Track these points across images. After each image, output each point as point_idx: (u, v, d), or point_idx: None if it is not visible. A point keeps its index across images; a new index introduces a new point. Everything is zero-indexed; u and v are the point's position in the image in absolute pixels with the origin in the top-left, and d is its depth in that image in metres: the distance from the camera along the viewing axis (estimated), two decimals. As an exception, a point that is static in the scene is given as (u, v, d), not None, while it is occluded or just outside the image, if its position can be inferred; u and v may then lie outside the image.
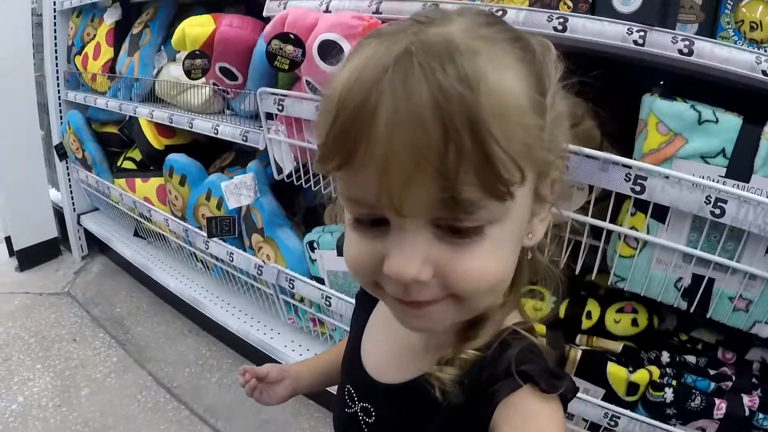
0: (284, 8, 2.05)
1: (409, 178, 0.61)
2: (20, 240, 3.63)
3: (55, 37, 3.43)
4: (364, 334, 1.02)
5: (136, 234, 3.59)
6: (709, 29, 1.52)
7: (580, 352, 1.74)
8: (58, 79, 3.50)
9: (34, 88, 3.52)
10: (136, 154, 3.29)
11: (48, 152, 3.69)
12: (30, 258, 3.69)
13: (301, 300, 2.46)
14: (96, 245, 3.91)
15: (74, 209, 3.76)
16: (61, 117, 3.53)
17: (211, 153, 2.98)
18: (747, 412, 1.60)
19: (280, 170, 2.23)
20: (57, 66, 3.48)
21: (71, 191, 3.71)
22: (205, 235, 2.59)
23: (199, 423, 2.60)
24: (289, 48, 1.84)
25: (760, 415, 1.59)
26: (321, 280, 2.30)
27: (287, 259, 2.40)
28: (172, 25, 2.91)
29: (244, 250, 2.61)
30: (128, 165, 3.31)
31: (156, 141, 2.99)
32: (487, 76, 0.61)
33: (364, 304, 1.06)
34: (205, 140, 2.62)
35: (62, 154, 3.51)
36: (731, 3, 1.44)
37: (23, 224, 3.62)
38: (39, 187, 3.66)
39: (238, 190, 2.36)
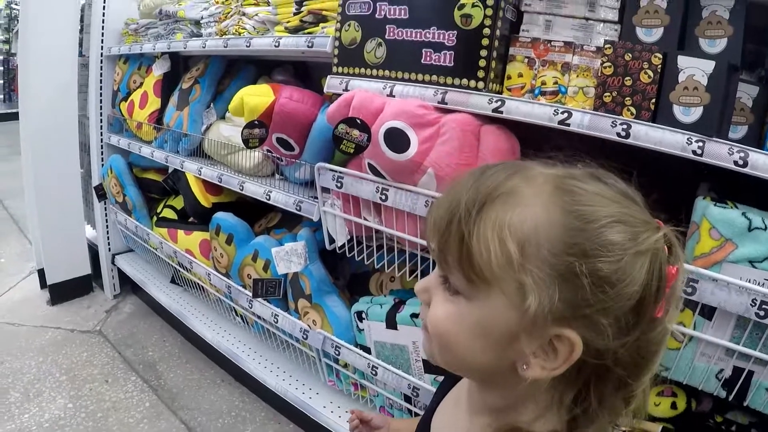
0: (346, 87, 2.09)
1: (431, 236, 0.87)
2: (53, 274, 3.65)
3: (101, 80, 3.49)
4: (440, 404, 1.15)
5: (172, 281, 3.61)
6: (757, 133, 1.60)
7: None
8: (101, 122, 3.55)
9: (76, 127, 3.55)
10: (177, 203, 3.33)
11: (86, 190, 3.72)
12: (62, 293, 3.72)
13: (345, 365, 2.48)
14: (128, 285, 3.93)
15: (109, 249, 3.79)
16: (102, 159, 3.57)
17: (256, 212, 3.02)
18: None
19: (332, 241, 2.26)
20: (101, 108, 3.53)
21: (107, 231, 3.75)
22: (250, 294, 2.62)
23: None
24: (356, 133, 1.88)
25: None
26: (367, 349, 2.33)
27: (334, 326, 2.43)
28: (221, 82, 2.99)
29: (287, 311, 2.64)
30: (168, 213, 3.34)
31: (203, 198, 3.03)
32: (515, 198, 0.81)
33: (449, 382, 1.18)
34: (251, 199, 2.66)
35: (101, 195, 3.55)
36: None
37: (57, 259, 3.64)
38: (75, 224, 3.68)
39: (289, 257, 2.40)
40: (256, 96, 2.32)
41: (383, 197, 1.96)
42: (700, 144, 1.45)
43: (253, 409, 3.01)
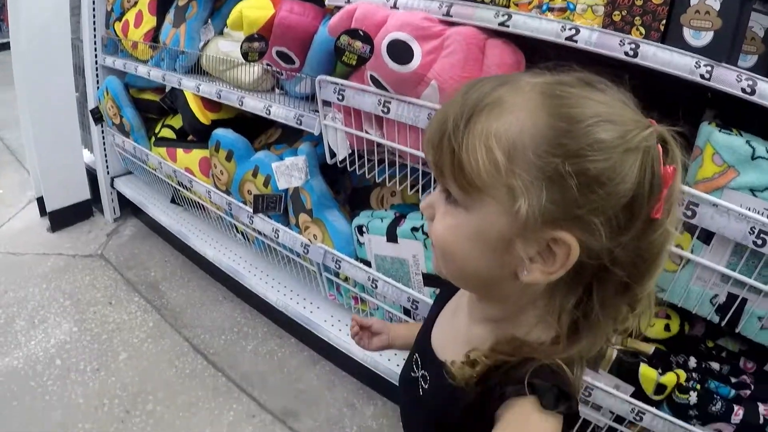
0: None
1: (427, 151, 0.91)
2: (53, 201, 3.66)
3: (94, 1, 3.41)
4: (439, 315, 1.19)
5: (172, 201, 3.61)
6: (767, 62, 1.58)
7: (615, 352, 1.86)
8: (95, 44, 3.49)
9: (70, 50, 3.50)
10: (176, 122, 3.31)
11: (82, 114, 3.69)
12: (62, 219, 3.73)
13: (345, 279, 2.51)
14: (128, 208, 3.94)
15: (108, 172, 3.77)
16: (98, 81, 3.53)
17: (256, 127, 3.01)
18: (762, 420, 1.72)
19: (333, 155, 2.27)
20: (95, 30, 3.46)
21: (105, 154, 3.72)
22: (251, 210, 2.64)
23: (237, 391, 2.67)
24: (358, 44, 1.86)
25: None
26: (367, 263, 2.35)
27: (335, 240, 2.45)
28: None
29: (288, 226, 2.65)
30: (167, 133, 3.33)
31: (202, 115, 3.00)
32: (502, 107, 0.83)
33: (449, 289, 1.22)
34: (251, 115, 2.64)
35: (98, 117, 3.53)
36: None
37: (56, 185, 3.64)
38: (73, 149, 3.66)
39: (290, 171, 2.40)
40: (255, 9, 2.30)
41: (385, 110, 1.95)
42: (709, 68, 1.45)
43: (255, 325, 3.09)
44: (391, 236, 2.19)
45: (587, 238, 0.81)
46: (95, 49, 3.51)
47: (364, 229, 2.28)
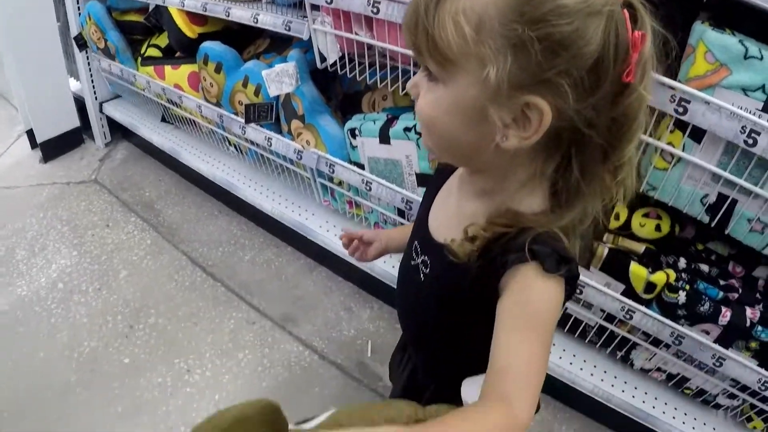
0: None
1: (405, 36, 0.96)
2: (43, 132, 3.65)
3: None
4: (435, 199, 1.21)
5: (163, 120, 3.61)
6: None
7: (606, 250, 1.92)
8: None
9: None
10: (161, 41, 3.29)
11: (65, 43, 3.65)
12: (53, 149, 3.72)
13: (339, 183, 2.54)
14: (119, 132, 3.92)
15: (96, 98, 3.75)
16: (78, 8, 3.47)
17: (243, 39, 3.00)
18: (748, 323, 1.81)
19: (323, 59, 2.27)
20: None
21: (92, 80, 3.69)
22: (242, 121, 2.65)
23: (236, 299, 2.74)
24: None
25: (759, 327, 1.81)
26: (361, 166, 2.38)
27: (328, 144, 2.46)
28: None
29: (280, 134, 2.66)
30: (153, 52, 3.30)
31: (188, 29, 2.96)
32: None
33: (441, 176, 1.25)
34: (238, 27, 2.62)
35: (82, 44, 3.49)
36: None
37: (45, 116, 3.62)
38: (59, 79, 3.63)
39: (280, 78, 2.40)
40: None
41: (375, 10, 1.94)
42: None
43: (252, 236, 3.14)
44: (384, 138, 2.21)
45: (557, 101, 0.86)
46: (74, -25, 3.42)
47: (357, 132, 2.30)
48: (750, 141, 1.48)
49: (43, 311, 2.66)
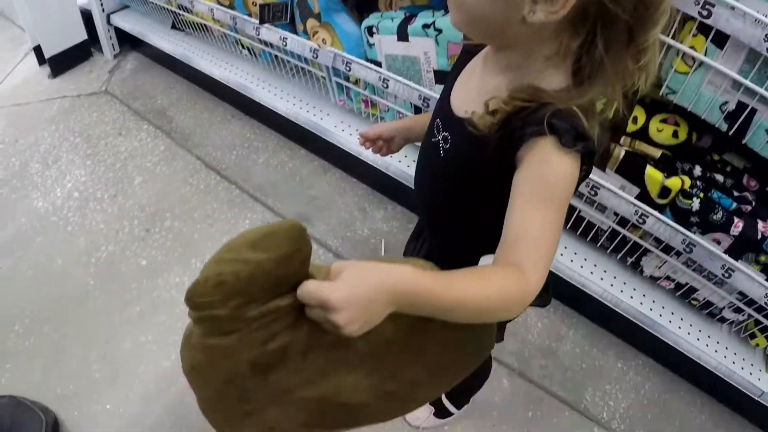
0: None
1: None
2: (50, 47, 3.61)
3: None
4: (458, 78, 1.22)
5: (173, 27, 3.57)
6: None
7: (623, 152, 1.92)
8: None
9: None
10: (173, -58, 3.22)
11: None
12: (61, 64, 3.69)
13: (356, 82, 2.53)
14: (127, 43, 3.89)
15: (103, 9, 3.70)
16: None
17: None
18: (759, 236, 1.84)
19: None
20: None
21: None
22: (256, 22, 2.62)
23: (250, 200, 2.78)
24: None
25: None
26: (378, 64, 2.36)
27: (344, 42, 2.45)
28: None
29: (296, 35, 2.63)
30: (162, -47, 3.24)
31: None
32: None
33: (466, 56, 1.26)
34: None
35: None
36: None
37: (51, 31, 3.58)
38: None
39: (296, -28, 2.38)
40: None
41: None
42: None
43: (265, 139, 3.17)
44: (402, 35, 2.20)
45: None
46: None
47: (374, 29, 2.29)
48: None
49: (60, 220, 2.69)
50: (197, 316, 0.83)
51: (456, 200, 1.23)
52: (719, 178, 2.00)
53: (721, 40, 1.58)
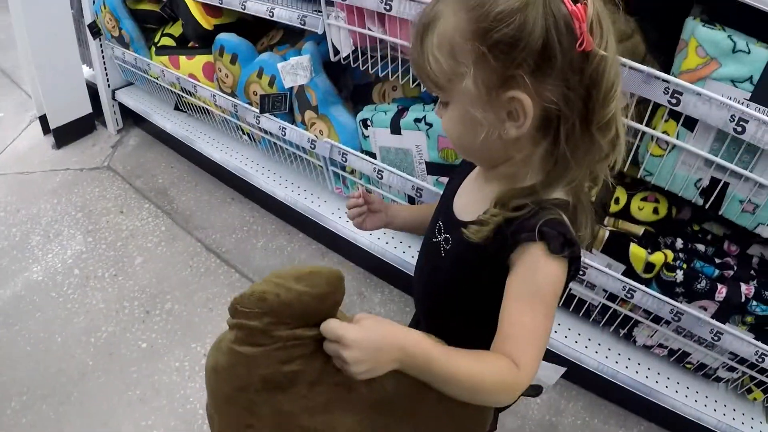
0: None
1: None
2: (55, 118, 3.67)
3: None
4: (461, 185, 1.34)
5: (176, 108, 3.64)
6: None
7: (607, 233, 2.03)
8: None
9: None
10: (175, 30, 3.33)
11: (79, 31, 3.68)
12: (66, 135, 3.75)
13: (352, 172, 2.61)
14: (130, 118, 3.95)
15: (108, 85, 3.78)
16: None
17: (257, 30, 3.05)
18: (743, 299, 1.93)
19: (336, 52, 2.34)
20: None
21: (105, 67, 3.72)
22: (257, 111, 2.71)
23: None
24: None
25: (754, 302, 1.93)
26: (372, 155, 2.45)
27: (340, 134, 2.54)
28: None
29: (294, 124, 2.73)
30: (167, 41, 3.34)
31: (205, 21, 3.01)
32: (438, 19, 1.03)
33: (467, 168, 1.38)
34: (251, 18, 2.68)
35: (96, 31, 3.53)
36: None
37: (58, 102, 3.64)
38: (72, 65, 3.65)
39: (295, 70, 2.47)
40: None
41: (387, 7, 2.02)
42: None
43: (264, 223, 3.21)
44: (395, 128, 2.30)
45: (528, 89, 0.99)
46: (87, -37, 3.44)
47: (369, 122, 2.38)
48: (739, 128, 1.59)
49: (60, 297, 2.72)
50: (234, 322, 0.97)
51: (453, 296, 1.30)
52: (701, 247, 2.10)
53: (691, 122, 1.69)
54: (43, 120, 3.71)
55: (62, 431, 2.24)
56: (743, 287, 1.92)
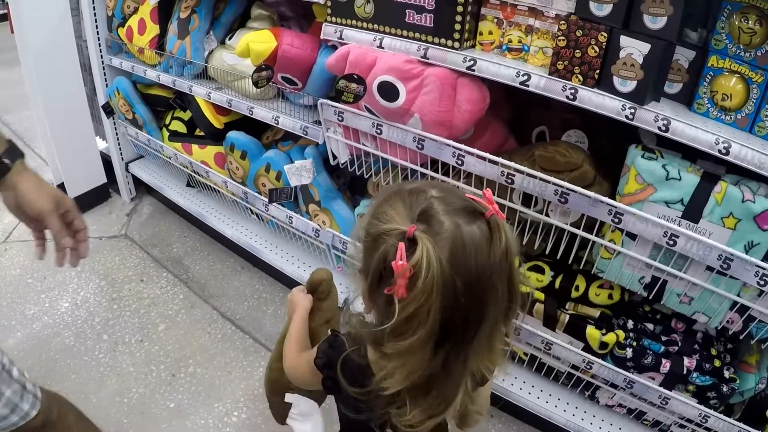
0: (340, 35, 2.40)
1: None
2: (73, 188, 3.86)
3: (94, 6, 3.55)
4: None
5: (188, 185, 3.87)
6: (690, 90, 1.91)
7: (567, 317, 2.33)
8: (99, 45, 3.64)
9: (75, 50, 3.66)
10: (185, 115, 3.58)
11: (92, 107, 3.88)
12: (83, 203, 3.93)
13: (351, 256, 2.94)
14: (142, 186, 4.15)
15: (122, 158, 4.00)
16: (105, 79, 3.72)
17: (263, 125, 3.21)
18: (685, 371, 2.17)
19: (335, 157, 2.64)
20: (98, 31, 3.60)
21: (118, 142, 3.94)
22: (265, 199, 3.02)
23: (263, 350, 3.08)
24: (354, 86, 2.22)
25: (695, 374, 2.17)
26: (369, 244, 2.78)
27: (341, 225, 2.87)
28: (216, 7, 3.22)
29: (299, 213, 3.04)
30: (177, 125, 3.59)
31: (215, 120, 3.32)
32: None
33: None
34: (259, 118, 3.01)
35: (109, 112, 3.75)
36: (709, 76, 1.81)
37: (75, 173, 3.85)
38: (86, 139, 3.87)
39: (299, 172, 2.81)
40: (260, 43, 2.57)
41: (378, 131, 2.32)
42: (632, 110, 1.79)
43: (272, 291, 3.48)
44: (387, 221, 2.62)
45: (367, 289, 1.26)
46: (100, 50, 3.65)
47: (365, 216, 2.71)
48: (671, 242, 1.86)
49: (92, 360, 2.95)
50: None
51: None
52: (650, 326, 2.36)
53: (634, 233, 1.95)
54: (61, 188, 3.80)
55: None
56: (686, 360, 2.17)
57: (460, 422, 1.43)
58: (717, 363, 2.21)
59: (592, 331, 2.29)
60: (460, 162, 2.19)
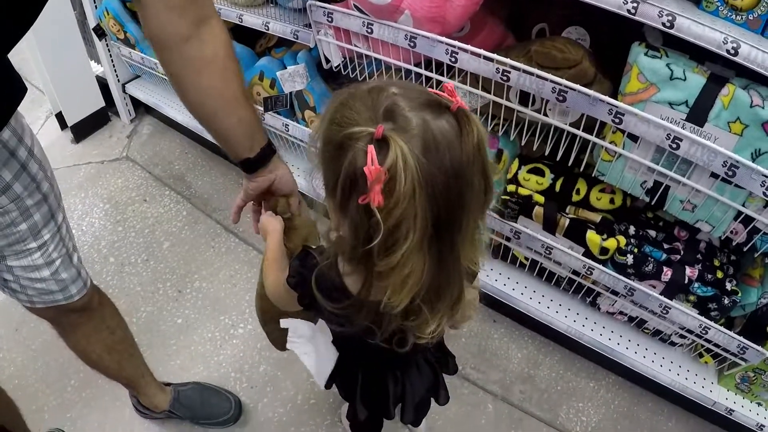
0: None
1: None
2: (71, 115, 3.83)
3: None
4: None
5: None
6: None
7: (568, 220, 2.31)
8: None
9: None
10: (176, 29, 3.53)
11: (84, 31, 3.80)
12: (83, 130, 3.92)
13: (350, 163, 2.92)
14: (141, 107, 4.11)
15: (118, 80, 3.93)
16: (94, 1, 3.62)
17: (255, 32, 3.14)
18: (687, 280, 2.17)
19: (328, 61, 2.57)
20: None
21: (113, 64, 3.87)
22: (261, 109, 2.97)
23: None
24: None
25: (696, 284, 2.16)
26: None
27: (336, 130, 2.82)
28: None
29: (296, 120, 3.01)
30: (169, 41, 3.53)
31: None
32: None
33: None
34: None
35: (101, 34, 3.67)
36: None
37: (72, 99, 3.80)
38: (81, 64, 3.79)
39: (292, 78, 2.77)
40: None
41: (369, 30, 2.22)
42: (635, 4, 1.66)
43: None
44: (386, 122, 2.58)
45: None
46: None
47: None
48: (674, 146, 1.79)
49: (101, 283, 2.81)
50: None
51: None
52: (652, 233, 2.31)
53: (635, 135, 1.88)
54: (60, 117, 3.89)
55: (118, 398, 2.55)
56: (688, 270, 2.15)
57: (454, 321, 1.45)
58: (719, 274, 2.19)
59: (592, 236, 2.28)
60: (453, 59, 2.09)
